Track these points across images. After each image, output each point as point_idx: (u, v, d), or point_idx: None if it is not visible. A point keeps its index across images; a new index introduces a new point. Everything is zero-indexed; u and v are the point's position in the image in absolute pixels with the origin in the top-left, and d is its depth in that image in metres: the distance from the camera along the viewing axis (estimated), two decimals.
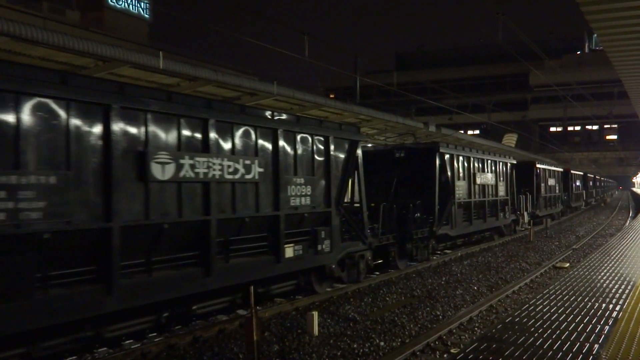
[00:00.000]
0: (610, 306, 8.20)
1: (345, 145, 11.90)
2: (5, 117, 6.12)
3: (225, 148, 8.88)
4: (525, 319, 7.46)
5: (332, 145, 11.35)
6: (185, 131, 8.19)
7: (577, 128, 77.45)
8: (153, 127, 7.70)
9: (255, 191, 9.39)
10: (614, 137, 74.17)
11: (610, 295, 9.01)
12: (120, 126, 7.20)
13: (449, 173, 16.94)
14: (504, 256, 18.09)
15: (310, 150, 10.85)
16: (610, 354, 5.97)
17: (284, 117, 10.20)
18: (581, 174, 48.18)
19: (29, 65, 7.01)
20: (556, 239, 23.41)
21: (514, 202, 23.88)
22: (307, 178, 10.65)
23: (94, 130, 6.94)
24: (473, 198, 18.78)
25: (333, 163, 11.37)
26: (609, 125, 72.96)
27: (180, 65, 12.10)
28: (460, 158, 18.02)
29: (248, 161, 9.19)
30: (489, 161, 20.62)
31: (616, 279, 10.52)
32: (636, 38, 13.40)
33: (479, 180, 19.36)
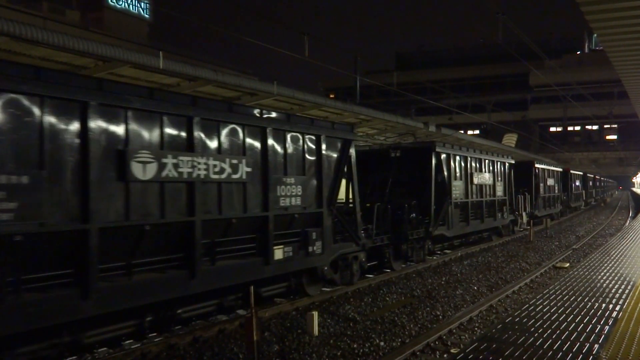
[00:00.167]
0: (610, 306, 8.17)
1: (337, 144, 11.63)
2: None
3: (211, 147, 8.61)
4: (525, 319, 7.44)
5: (324, 144, 11.08)
6: (169, 129, 7.92)
7: (577, 128, 77.26)
8: (134, 125, 7.43)
9: (242, 191, 9.11)
10: (614, 137, 73.99)
11: (610, 295, 8.99)
12: (98, 124, 6.93)
13: (446, 173, 16.66)
14: (504, 256, 18.04)
15: (301, 150, 10.58)
16: (610, 354, 5.94)
17: (273, 116, 9.94)
18: (581, 173, 47.91)
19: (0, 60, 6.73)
20: (556, 239, 23.35)
21: (512, 203, 23.63)
22: (298, 178, 10.39)
23: (70, 128, 6.67)
24: (470, 198, 18.49)
25: (325, 162, 11.10)
26: (609, 125, 72.77)
27: (180, 65, 12.07)
28: (457, 158, 17.74)
29: (235, 160, 8.91)
30: (487, 161, 20.33)
31: (616, 279, 10.50)
32: (636, 38, 13.36)
33: (477, 180, 19.08)
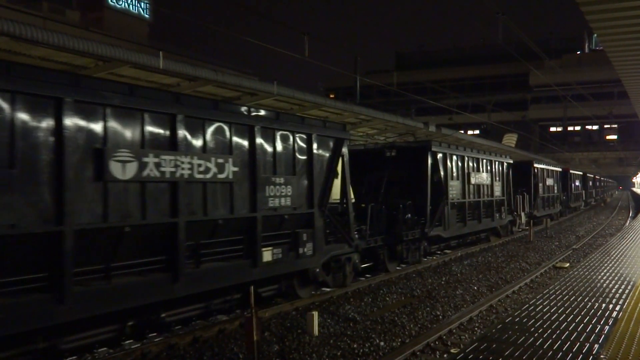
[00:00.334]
0: (610, 306, 8.15)
1: (329, 143, 11.36)
2: None
3: (196, 145, 8.33)
4: (525, 319, 7.43)
5: (315, 144, 10.81)
6: (150, 127, 7.64)
7: (577, 128, 76.99)
8: (113, 123, 7.16)
9: (229, 191, 8.83)
10: (614, 137, 73.76)
11: (610, 295, 8.97)
12: (74, 121, 6.65)
13: (442, 173, 16.37)
14: (504, 256, 17.94)
15: (291, 149, 10.30)
16: (610, 354, 5.93)
17: (261, 114, 9.66)
18: (580, 173, 47.63)
19: None
20: (556, 239, 23.21)
21: (511, 203, 23.34)
22: (288, 178, 10.11)
23: (43, 126, 6.39)
24: (467, 198, 18.19)
25: (316, 162, 10.83)
26: (609, 125, 72.50)
27: (180, 65, 12.03)
28: (454, 157, 17.45)
29: (221, 160, 8.63)
30: (484, 160, 20.04)
31: (616, 279, 10.48)
32: (636, 38, 13.29)
33: (474, 180, 18.78)
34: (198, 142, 8.37)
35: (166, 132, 7.86)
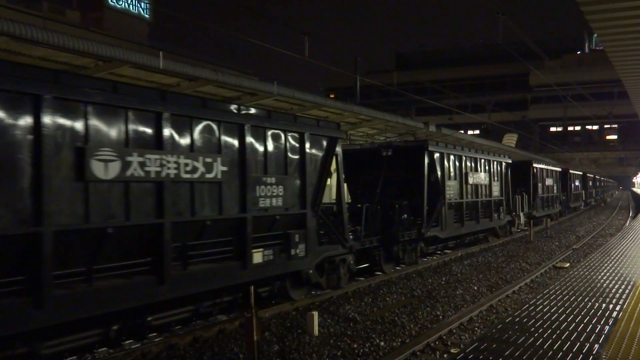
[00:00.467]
0: (610, 306, 8.15)
1: (323, 142, 11.14)
2: None
3: (183, 144, 8.10)
4: (526, 319, 7.43)
5: (308, 143, 10.59)
6: (134, 125, 7.42)
7: (577, 128, 76.90)
8: (95, 121, 6.93)
9: (218, 192, 8.60)
10: (614, 137, 73.62)
11: (610, 295, 8.96)
12: (53, 119, 6.43)
13: (439, 172, 16.14)
14: (504, 256, 17.82)
15: (282, 148, 10.09)
16: (610, 354, 5.93)
17: (252, 112, 9.44)
18: (580, 173, 47.39)
19: None
20: (556, 239, 23.06)
21: (510, 203, 23.11)
22: (279, 177, 9.89)
23: (20, 123, 6.16)
24: (465, 198, 17.95)
25: (309, 161, 10.61)
26: (609, 125, 72.42)
27: (180, 65, 12.04)
28: (451, 157, 17.22)
29: (209, 159, 8.41)
30: (482, 160, 19.81)
31: (616, 279, 10.45)
32: (636, 38, 13.29)
33: (472, 180, 18.55)
34: (185, 141, 8.14)
35: (151, 131, 7.64)
